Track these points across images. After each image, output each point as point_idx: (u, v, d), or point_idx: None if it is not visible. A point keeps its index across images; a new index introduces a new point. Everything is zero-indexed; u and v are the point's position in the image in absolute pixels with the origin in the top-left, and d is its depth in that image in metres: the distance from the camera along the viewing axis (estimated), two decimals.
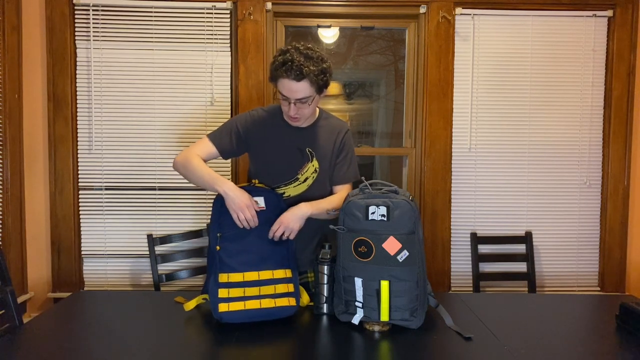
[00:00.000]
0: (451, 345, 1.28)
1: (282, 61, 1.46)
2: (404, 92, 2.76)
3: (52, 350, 1.23)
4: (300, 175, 1.65)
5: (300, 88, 1.47)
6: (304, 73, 1.44)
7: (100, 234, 2.62)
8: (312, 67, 1.45)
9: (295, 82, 1.46)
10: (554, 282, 2.72)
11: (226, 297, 1.41)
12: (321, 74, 1.48)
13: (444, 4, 2.59)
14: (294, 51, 1.47)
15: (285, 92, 1.50)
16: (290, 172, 1.64)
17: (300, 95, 1.49)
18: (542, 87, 2.67)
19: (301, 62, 1.44)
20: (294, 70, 1.44)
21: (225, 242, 1.46)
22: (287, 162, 1.64)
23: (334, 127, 1.69)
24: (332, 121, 1.71)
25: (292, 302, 1.44)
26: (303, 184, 1.65)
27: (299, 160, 1.64)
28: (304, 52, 1.47)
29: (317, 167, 1.65)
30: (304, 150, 1.64)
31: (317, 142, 1.66)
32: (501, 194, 2.70)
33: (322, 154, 1.66)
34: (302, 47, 1.48)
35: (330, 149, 1.67)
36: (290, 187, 1.65)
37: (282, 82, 1.49)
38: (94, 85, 2.57)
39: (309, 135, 1.65)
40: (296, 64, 1.44)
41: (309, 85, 1.48)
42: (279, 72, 1.47)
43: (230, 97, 2.62)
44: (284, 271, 1.48)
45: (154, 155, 2.61)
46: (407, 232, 1.37)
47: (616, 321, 1.44)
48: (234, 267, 1.44)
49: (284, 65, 1.45)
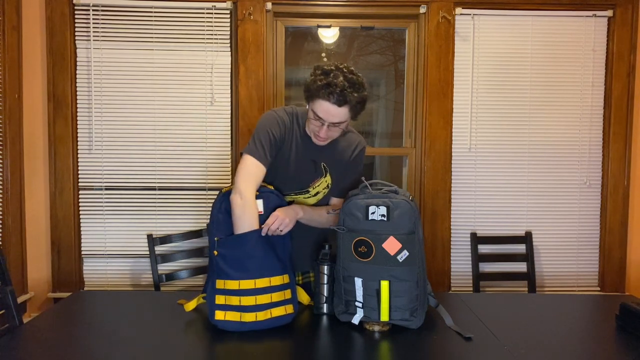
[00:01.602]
0: (451, 345, 1.28)
1: (326, 83, 1.40)
2: (404, 92, 2.76)
3: (52, 350, 1.23)
4: (312, 189, 1.62)
5: (339, 113, 1.43)
6: (347, 100, 1.40)
7: (100, 234, 2.62)
8: (355, 94, 1.41)
9: (335, 107, 1.42)
10: (554, 282, 2.72)
11: (223, 304, 1.40)
12: (361, 102, 1.45)
13: (444, 4, 2.60)
14: (338, 74, 1.41)
15: (321, 114, 1.44)
16: (301, 183, 1.61)
17: (337, 120, 1.45)
18: (542, 87, 2.67)
19: (345, 87, 1.39)
20: (336, 95, 1.39)
21: (222, 247, 1.43)
22: (300, 173, 1.60)
23: (351, 143, 1.65)
24: (350, 137, 1.66)
25: (289, 309, 1.43)
26: (313, 198, 1.62)
27: (312, 174, 1.61)
28: (349, 76, 1.41)
29: (329, 182, 1.63)
30: (318, 164, 1.61)
31: (333, 157, 1.62)
32: (501, 194, 2.70)
33: (336, 170, 1.63)
34: (346, 71, 1.43)
35: (345, 165, 1.64)
36: (300, 197, 1.62)
37: (320, 104, 1.43)
38: (94, 85, 2.57)
39: (326, 150, 1.60)
40: (340, 89, 1.39)
41: (347, 112, 1.44)
42: (320, 93, 1.41)
43: (230, 97, 2.62)
44: (281, 277, 1.45)
45: (154, 155, 2.61)
46: (407, 232, 1.37)
47: (616, 321, 1.44)
48: (229, 274, 1.41)
49: (327, 87, 1.39)
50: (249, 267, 1.42)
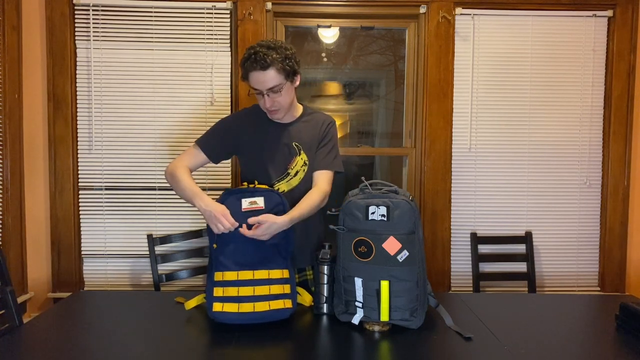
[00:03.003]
0: (451, 345, 1.28)
1: (247, 55, 1.52)
2: (404, 92, 2.76)
3: (52, 350, 1.23)
4: (291, 170, 1.67)
5: (268, 77, 1.52)
6: (269, 61, 1.50)
7: (100, 234, 2.62)
8: (275, 55, 1.51)
9: (262, 72, 1.51)
10: (554, 282, 2.72)
11: (221, 296, 1.40)
12: (286, 60, 1.54)
13: (444, 4, 2.59)
14: (257, 46, 1.54)
15: (256, 85, 1.55)
16: (280, 168, 1.66)
17: (270, 84, 1.53)
18: (542, 87, 2.67)
19: (264, 52, 1.50)
20: (258, 61, 1.50)
21: (222, 240, 1.45)
22: (275, 158, 1.66)
23: (319, 120, 1.73)
24: (317, 115, 1.75)
25: (287, 304, 1.43)
26: (295, 178, 1.67)
27: (287, 156, 1.67)
28: (266, 44, 1.53)
29: (305, 159, 1.68)
30: (290, 145, 1.67)
31: (302, 135, 1.69)
32: (501, 194, 2.70)
33: (308, 146, 1.69)
34: (264, 42, 1.55)
35: (316, 140, 1.70)
36: (284, 182, 1.67)
37: (251, 76, 1.54)
38: (94, 85, 2.57)
39: (294, 130, 1.69)
40: (260, 55, 1.49)
41: (276, 73, 1.53)
42: (246, 66, 1.53)
43: (230, 97, 2.62)
44: (280, 271, 1.46)
45: (154, 155, 2.61)
46: (407, 232, 1.37)
47: (616, 321, 1.44)
48: (228, 265, 1.43)
49: (249, 58, 1.52)
50: (248, 259, 1.44)
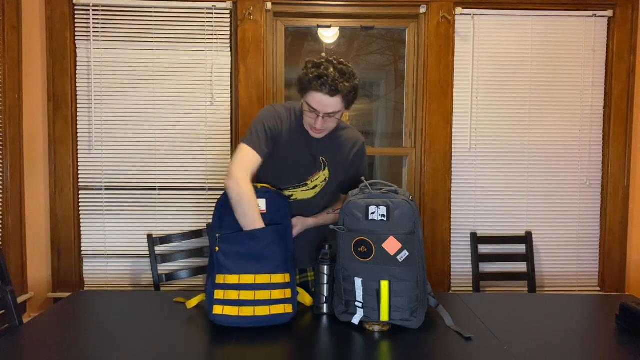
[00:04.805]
0: (451, 345, 1.28)
1: (317, 75, 1.44)
2: (404, 92, 2.76)
3: (52, 350, 1.23)
4: (310, 182, 1.64)
5: (332, 103, 1.47)
6: (339, 89, 1.44)
7: (100, 234, 2.62)
8: (346, 84, 1.45)
9: (328, 97, 1.46)
10: (554, 282, 2.72)
11: (221, 299, 1.40)
12: (353, 91, 1.49)
13: (444, 4, 2.59)
14: (328, 65, 1.46)
15: (315, 105, 1.48)
16: (300, 176, 1.64)
17: (331, 110, 1.49)
18: (542, 87, 2.67)
19: (336, 77, 1.44)
20: (328, 85, 1.43)
21: (224, 243, 1.44)
22: (299, 166, 1.62)
23: (350, 139, 1.68)
24: (349, 132, 1.69)
25: (287, 309, 1.42)
26: (311, 191, 1.65)
27: (311, 167, 1.64)
28: (339, 67, 1.46)
29: (327, 176, 1.65)
30: (317, 158, 1.63)
31: (332, 152, 1.65)
32: (501, 194, 2.70)
33: (334, 164, 1.65)
34: (335, 62, 1.47)
35: (344, 160, 1.66)
36: (299, 190, 1.65)
37: (313, 95, 1.47)
38: (94, 85, 2.57)
39: (325, 144, 1.63)
40: (331, 79, 1.43)
41: (340, 101, 1.48)
42: (313, 85, 1.45)
43: (230, 97, 2.62)
44: (282, 276, 1.45)
45: (154, 155, 2.61)
46: (407, 232, 1.36)
47: (616, 321, 1.44)
48: (230, 268, 1.42)
49: (319, 79, 1.44)
50: (250, 263, 1.43)
